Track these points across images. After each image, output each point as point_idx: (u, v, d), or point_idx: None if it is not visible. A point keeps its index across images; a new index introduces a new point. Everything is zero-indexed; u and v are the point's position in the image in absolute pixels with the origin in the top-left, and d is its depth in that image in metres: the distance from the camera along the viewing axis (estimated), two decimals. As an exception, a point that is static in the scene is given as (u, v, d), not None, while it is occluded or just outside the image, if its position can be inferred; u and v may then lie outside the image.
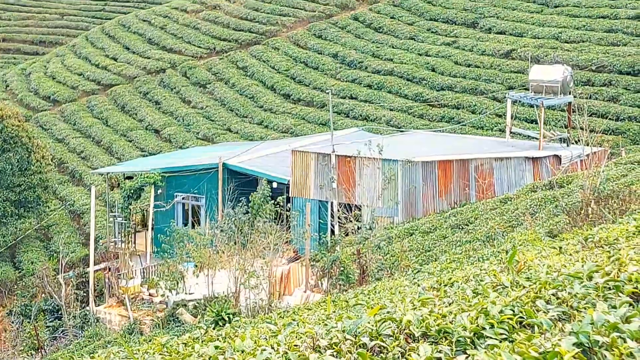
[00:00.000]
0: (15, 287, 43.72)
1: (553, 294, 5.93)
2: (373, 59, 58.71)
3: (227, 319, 19.01)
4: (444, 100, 51.40)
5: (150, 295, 36.02)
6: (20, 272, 45.27)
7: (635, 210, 17.42)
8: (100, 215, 43.93)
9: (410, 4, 64.56)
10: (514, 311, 5.45)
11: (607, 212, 18.52)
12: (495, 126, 46.23)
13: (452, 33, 59.26)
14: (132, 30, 73.55)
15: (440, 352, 4.99)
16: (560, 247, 12.08)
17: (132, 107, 61.69)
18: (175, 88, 62.82)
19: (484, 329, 5.19)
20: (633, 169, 28.72)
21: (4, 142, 45.36)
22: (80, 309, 38.27)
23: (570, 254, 10.85)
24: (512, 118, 41.70)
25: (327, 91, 52.44)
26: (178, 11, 74.63)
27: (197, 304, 31.21)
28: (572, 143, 38.02)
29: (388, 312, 5.91)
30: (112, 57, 69.94)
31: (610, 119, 44.36)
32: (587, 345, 4.62)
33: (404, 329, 5.41)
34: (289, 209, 37.25)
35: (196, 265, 32.74)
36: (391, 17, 63.80)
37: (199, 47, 67.95)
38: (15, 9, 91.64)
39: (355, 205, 34.72)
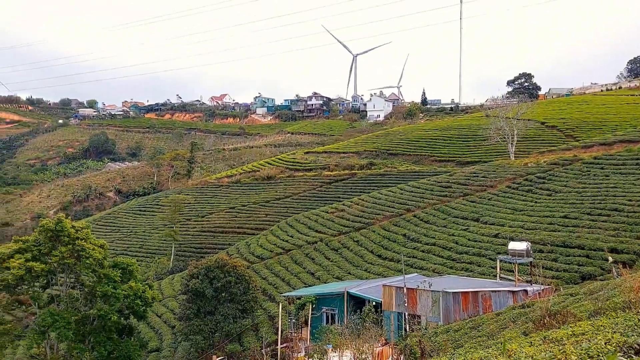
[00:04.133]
0: (241, 356, 43.48)
1: (530, 370, 5.81)
2: (424, 237, 58.11)
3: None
4: (463, 260, 50.38)
5: (309, 362, 35.43)
6: (243, 348, 45.10)
7: (570, 322, 16.68)
8: (284, 317, 43.67)
9: (444, 209, 64.41)
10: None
11: (555, 322, 17.77)
12: (491, 273, 44.83)
13: (465, 224, 58.51)
14: (301, 222, 74.72)
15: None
16: (531, 342, 11.66)
17: (300, 261, 61.94)
18: (322, 252, 62.99)
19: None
20: (568, 298, 27.44)
21: (236, 279, 45.98)
22: (272, 369, 37.81)
23: (536, 346, 10.48)
24: (500, 269, 40.56)
25: (400, 254, 52.16)
26: (322, 212, 75.61)
27: (333, 368, 30.52)
28: (534, 283, 36.71)
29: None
30: (290, 235, 70.76)
31: (553, 270, 42.83)
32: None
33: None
34: (382, 316, 36.64)
35: (333, 346, 32.12)
36: (433, 215, 63.51)
37: (334, 230, 68.31)
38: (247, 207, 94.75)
39: (417, 315, 34.01)
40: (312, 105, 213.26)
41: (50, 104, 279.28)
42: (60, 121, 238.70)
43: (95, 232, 65.05)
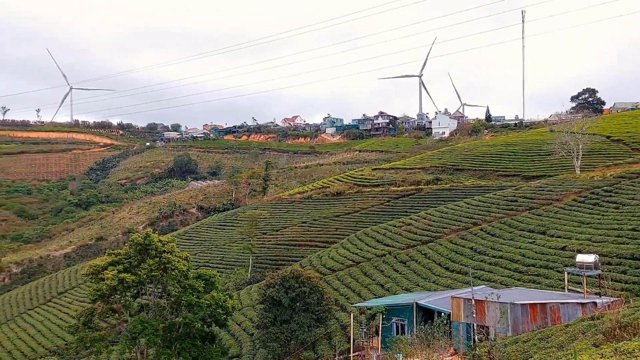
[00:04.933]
0: (314, 362, 43.44)
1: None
2: (491, 250, 56.48)
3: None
4: (530, 272, 48.57)
5: (380, 370, 34.92)
6: (317, 356, 44.96)
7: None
8: (356, 327, 43.33)
9: (510, 222, 62.41)
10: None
11: (626, 334, 16.89)
12: (559, 286, 43.06)
13: (532, 237, 56.39)
14: (369, 235, 73.91)
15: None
16: (602, 354, 11.12)
17: (369, 273, 61.39)
18: (391, 264, 62.13)
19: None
20: (638, 310, 26.01)
21: (310, 289, 46.04)
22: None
23: (608, 358, 9.98)
24: (568, 282, 38.89)
25: (468, 266, 50.96)
26: (390, 226, 74.58)
27: (404, 376, 29.95)
28: (602, 296, 35.03)
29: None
30: (360, 248, 70.17)
31: (622, 283, 40.74)
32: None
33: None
34: (450, 327, 35.82)
35: (403, 355, 31.62)
36: (499, 229, 61.63)
37: (401, 243, 67.20)
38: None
39: (485, 326, 33.05)
40: (379, 124, 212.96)
41: (138, 128, 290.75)
42: (148, 144, 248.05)
43: (180, 246, 66.76)
